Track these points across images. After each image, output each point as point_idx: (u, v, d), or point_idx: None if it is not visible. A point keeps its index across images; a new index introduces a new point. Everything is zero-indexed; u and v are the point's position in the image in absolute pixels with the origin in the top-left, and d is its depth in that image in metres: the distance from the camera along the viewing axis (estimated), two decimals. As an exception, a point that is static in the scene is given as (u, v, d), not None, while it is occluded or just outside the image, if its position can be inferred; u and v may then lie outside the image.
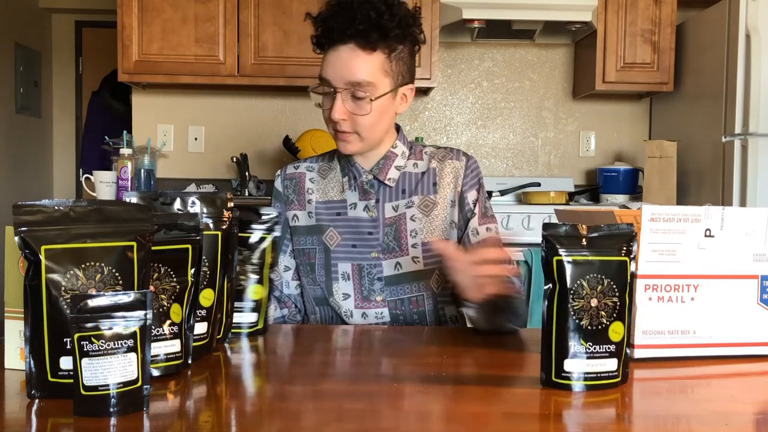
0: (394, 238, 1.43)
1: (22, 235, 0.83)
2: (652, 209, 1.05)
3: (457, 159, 1.48)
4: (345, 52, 1.35)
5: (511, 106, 3.51)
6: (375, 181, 1.45)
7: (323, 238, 1.44)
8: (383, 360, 1.12)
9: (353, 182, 1.46)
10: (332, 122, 1.39)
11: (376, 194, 1.45)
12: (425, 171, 1.48)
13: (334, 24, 1.34)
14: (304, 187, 1.50)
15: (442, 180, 1.46)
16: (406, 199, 1.45)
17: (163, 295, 0.94)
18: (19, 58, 4.86)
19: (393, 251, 1.43)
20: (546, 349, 0.92)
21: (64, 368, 0.84)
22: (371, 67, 1.35)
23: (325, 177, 1.50)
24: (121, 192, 3.02)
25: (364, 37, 1.33)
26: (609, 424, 0.81)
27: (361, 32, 1.32)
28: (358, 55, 1.34)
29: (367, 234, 1.44)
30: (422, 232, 1.43)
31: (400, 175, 1.46)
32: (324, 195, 1.48)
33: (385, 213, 1.44)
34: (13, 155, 4.82)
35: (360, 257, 1.43)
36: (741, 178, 2.66)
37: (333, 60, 1.36)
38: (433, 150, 1.51)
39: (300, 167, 1.53)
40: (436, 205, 1.45)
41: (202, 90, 3.39)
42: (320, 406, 0.86)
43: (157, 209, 1.02)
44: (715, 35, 2.83)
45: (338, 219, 1.45)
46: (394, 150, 1.47)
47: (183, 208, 1.04)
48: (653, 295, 1.06)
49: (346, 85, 1.35)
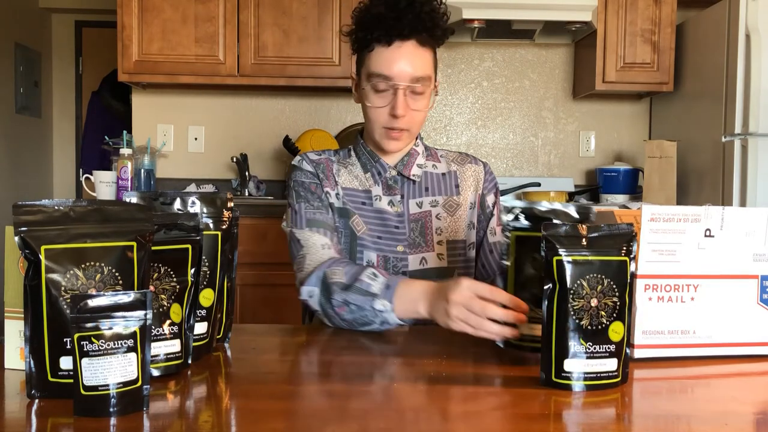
0: (420, 234, 1.46)
1: (22, 235, 0.83)
2: (652, 209, 1.05)
3: (476, 164, 1.57)
4: (408, 48, 1.38)
5: (511, 106, 3.51)
6: (399, 177, 1.49)
7: (350, 223, 1.45)
8: (383, 360, 1.12)
9: (377, 177, 1.48)
10: (388, 118, 1.40)
11: (400, 190, 1.48)
12: (446, 173, 1.54)
13: (398, 20, 1.36)
14: (332, 169, 1.49)
15: (464, 182, 1.53)
16: (429, 197, 1.50)
17: (163, 295, 0.94)
18: (19, 58, 4.86)
19: (419, 246, 1.46)
20: (546, 349, 0.92)
21: (64, 368, 0.84)
22: (430, 63, 1.41)
23: (346, 168, 1.51)
24: (121, 192, 3.01)
25: (430, 34, 1.39)
26: (609, 424, 0.81)
27: (427, 29, 1.38)
28: (419, 50, 1.39)
29: (394, 228, 1.46)
30: (447, 231, 1.48)
31: (422, 174, 1.51)
32: (348, 183, 1.49)
33: (409, 209, 1.47)
34: (13, 155, 4.82)
35: (386, 249, 1.44)
36: (741, 178, 2.66)
37: (394, 56, 1.38)
38: (449, 153, 1.58)
39: (322, 155, 1.52)
40: (459, 207, 1.51)
41: (202, 90, 3.39)
42: (320, 406, 0.86)
43: (157, 209, 1.02)
44: (715, 35, 2.83)
45: (364, 208, 1.46)
46: (416, 148, 1.52)
47: (183, 208, 1.04)
48: (653, 295, 1.06)
49: (410, 81, 1.38)
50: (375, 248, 1.44)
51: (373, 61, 1.39)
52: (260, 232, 2.77)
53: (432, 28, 1.39)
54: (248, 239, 2.75)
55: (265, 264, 2.73)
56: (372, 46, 1.39)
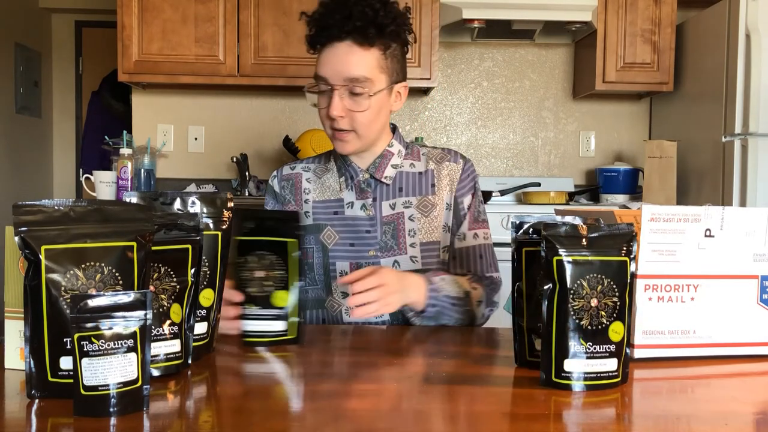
0: (392, 236, 1.44)
1: (22, 235, 0.83)
2: (652, 209, 1.05)
3: (454, 161, 1.50)
4: (342, 49, 1.36)
5: (511, 106, 3.51)
6: (372, 180, 1.47)
7: (321, 238, 1.45)
8: (383, 360, 1.12)
9: (350, 182, 1.47)
10: (329, 120, 1.39)
11: (372, 193, 1.47)
12: (423, 171, 1.49)
13: (330, 21, 1.35)
14: (301, 187, 1.51)
15: (439, 182, 1.48)
16: (403, 198, 1.46)
17: (163, 295, 0.94)
18: (19, 58, 4.86)
19: (391, 249, 1.44)
20: (546, 349, 0.92)
21: (64, 368, 0.84)
22: (368, 63, 1.36)
23: (321, 177, 1.51)
24: (121, 192, 3.01)
25: (362, 33, 1.34)
26: (609, 424, 0.81)
27: (358, 28, 1.33)
28: (355, 51, 1.35)
29: (365, 232, 1.44)
30: (421, 232, 1.44)
31: (397, 174, 1.48)
32: (321, 195, 1.49)
33: (382, 211, 1.45)
34: (13, 155, 4.82)
35: (358, 255, 1.43)
36: (741, 178, 2.66)
37: (330, 57, 1.37)
38: (431, 151, 1.53)
39: (296, 168, 1.54)
40: (435, 206, 1.47)
41: (202, 90, 3.39)
42: (320, 406, 0.86)
43: (157, 209, 1.02)
44: (715, 35, 2.83)
45: (335, 218, 1.46)
46: (390, 149, 1.48)
47: (183, 208, 1.04)
48: (653, 295, 1.06)
49: (344, 81, 1.36)
50: (347, 256, 1.43)
51: (317, 63, 1.40)
52: (260, 232, 2.77)
53: (364, 27, 1.33)
54: (248, 239, 2.74)
55: (265, 264, 2.73)
56: (318, 49, 1.40)
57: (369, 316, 1.20)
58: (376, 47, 1.36)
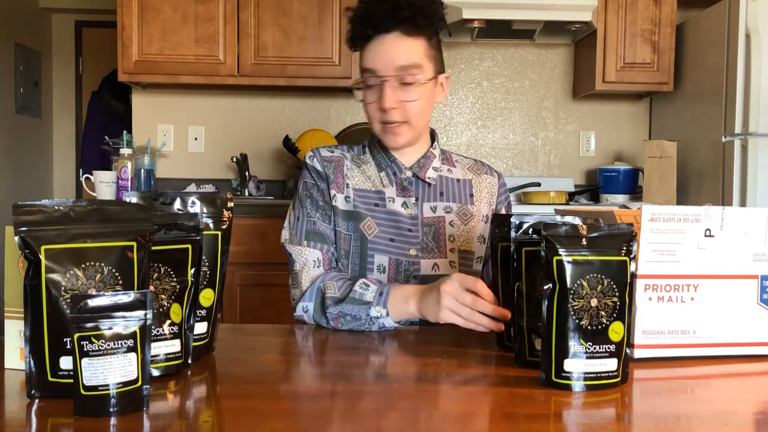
0: (433, 238, 1.44)
1: (22, 235, 0.83)
2: (652, 209, 1.05)
3: (491, 175, 1.54)
4: (391, 39, 1.37)
5: (511, 106, 3.51)
6: (414, 179, 1.47)
7: (360, 226, 1.42)
8: (383, 360, 1.12)
9: (392, 178, 1.46)
10: (381, 113, 1.39)
11: (415, 192, 1.46)
12: (460, 179, 1.51)
13: (378, 13, 1.36)
14: (343, 171, 1.47)
15: (479, 193, 1.50)
16: (444, 202, 1.47)
17: (163, 295, 0.94)
18: (19, 58, 4.86)
19: (432, 251, 1.43)
20: (546, 349, 0.92)
21: (64, 368, 0.84)
22: (418, 51, 1.38)
23: (360, 167, 1.49)
24: (121, 192, 3.01)
25: (411, 22, 1.36)
26: (609, 424, 0.81)
27: (407, 18, 1.35)
28: (404, 40, 1.37)
29: (407, 230, 1.43)
30: (459, 239, 1.45)
31: (438, 177, 1.49)
32: (361, 184, 1.46)
33: (423, 212, 1.45)
34: (13, 155, 4.82)
35: (398, 252, 1.42)
36: (741, 178, 2.66)
37: (378, 49, 1.38)
38: (464, 159, 1.56)
39: (335, 152, 1.50)
40: (473, 217, 1.48)
41: (202, 90, 3.39)
42: (320, 406, 0.86)
43: (157, 209, 1.02)
44: (715, 35, 2.83)
45: (376, 210, 1.44)
46: (433, 151, 1.50)
47: (183, 208, 1.04)
48: (653, 295, 1.06)
49: (395, 71, 1.36)
50: (386, 251, 1.42)
51: (363, 58, 1.40)
52: (260, 232, 2.77)
53: (412, 17, 1.35)
54: (248, 239, 2.75)
55: (265, 264, 2.73)
56: (363, 45, 1.40)
57: None
58: (423, 36, 1.38)
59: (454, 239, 1.44)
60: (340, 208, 1.44)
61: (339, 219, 1.44)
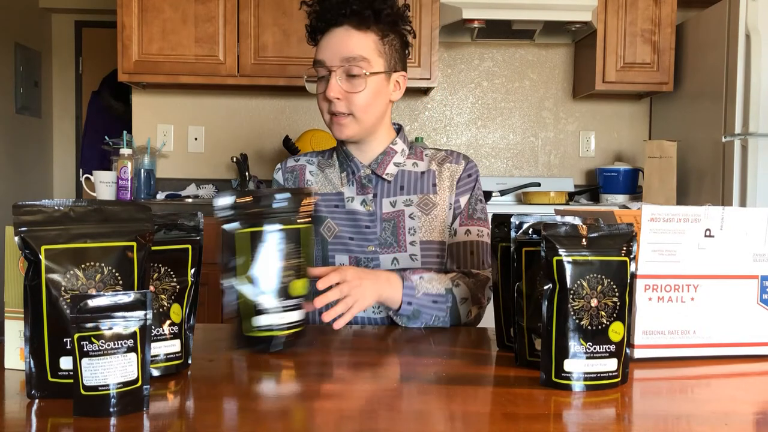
0: (391, 233, 1.45)
1: (22, 235, 0.83)
2: (652, 209, 1.05)
3: (456, 163, 1.51)
4: (340, 32, 1.40)
5: (511, 106, 3.51)
6: (373, 176, 1.48)
7: (321, 230, 1.45)
8: (383, 360, 1.12)
9: (351, 176, 1.48)
10: (327, 103, 1.41)
11: (374, 189, 1.47)
12: (425, 171, 1.50)
13: (328, 6, 1.39)
14: (304, 179, 1.52)
15: (441, 183, 1.49)
16: (404, 196, 1.47)
17: (163, 295, 0.94)
18: (19, 58, 4.86)
19: (391, 246, 1.44)
20: (546, 349, 0.92)
21: (64, 368, 0.84)
22: (365, 45, 1.40)
23: (324, 171, 1.52)
24: (121, 192, 3.01)
25: (359, 16, 1.38)
26: (609, 424, 0.81)
27: (355, 12, 1.38)
28: (352, 33, 1.40)
29: (365, 228, 1.45)
30: (421, 230, 1.45)
31: (398, 172, 1.49)
32: (322, 188, 1.50)
33: (382, 208, 1.46)
34: (13, 155, 4.82)
35: (357, 250, 1.44)
36: (741, 178, 2.66)
37: (328, 41, 1.41)
38: (434, 152, 1.55)
39: (300, 160, 1.55)
40: (435, 206, 1.47)
41: (202, 90, 3.39)
42: (320, 406, 0.86)
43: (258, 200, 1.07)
44: (715, 35, 2.83)
45: (336, 211, 1.46)
46: (393, 147, 1.50)
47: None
48: (653, 295, 1.06)
49: (341, 62, 1.39)
50: (346, 250, 1.44)
51: (316, 51, 1.44)
52: (260, 232, 2.77)
53: (360, 11, 1.37)
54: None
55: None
56: (317, 38, 1.44)
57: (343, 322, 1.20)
58: (373, 32, 1.40)
59: (414, 232, 1.45)
60: None
61: None
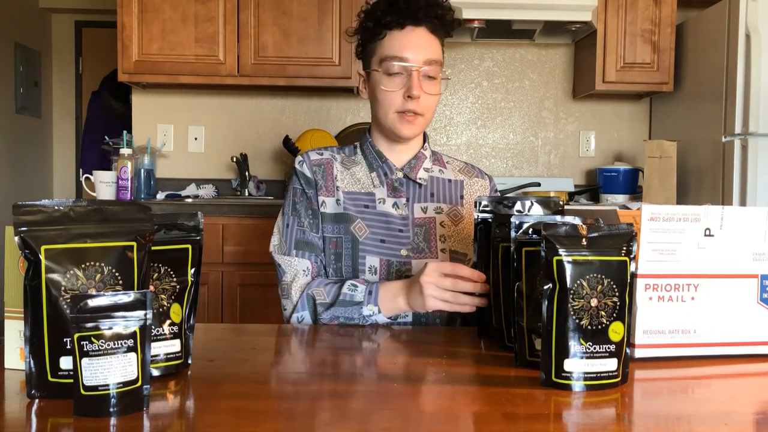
0: (423, 239, 1.44)
1: (22, 235, 0.83)
2: (652, 209, 1.05)
3: (482, 177, 1.56)
4: (420, 33, 1.41)
5: (511, 106, 3.51)
6: (405, 180, 1.47)
7: (351, 228, 1.43)
8: (383, 360, 1.12)
9: (383, 179, 1.47)
10: (403, 101, 1.40)
11: (406, 193, 1.47)
12: (451, 180, 1.52)
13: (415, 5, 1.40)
14: (332, 173, 1.48)
15: (469, 196, 1.51)
16: (435, 203, 1.48)
17: (163, 295, 0.94)
18: (19, 58, 4.86)
19: (423, 252, 1.43)
20: (546, 349, 0.92)
21: (64, 368, 0.84)
22: (440, 49, 1.45)
23: (350, 169, 1.49)
24: (121, 192, 3.01)
25: (440, 20, 1.42)
26: (609, 424, 0.81)
27: (438, 16, 1.41)
28: (430, 36, 1.42)
29: (398, 231, 1.44)
30: (451, 239, 1.46)
31: (429, 178, 1.50)
32: (351, 186, 1.47)
33: (414, 213, 1.46)
34: (13, 155, 4.82)
35: (389, 253, 1.42)
36: (741, 178, 2.66)
37: (409, 38, 1.41)
38: (454, 161, 1.57)
39: (324, 154, 1.50)
40: (463, 218, 1.48)
41: (202, 90, 3.39)
42: (320, 406, 0.86)
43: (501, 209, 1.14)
44: (715, 35, 2.83)
45: (366, 212, 1.44)
46: (424, 152, 1.51)
47: (522, 210, 1.15)
48: (653, 295, 1.06)
49: (424, 62, 1.40)
50: (377, 252, 1.42)
51: (386, 46, 1.41)
52: (260, 232, 2.77)
53: (443, 15, 1.42)
54: (248, 239, 2.75)
55: (265, 264, 2.71)
56: (384, 33, 1.42)
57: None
58: (440, 37, 1.45)
59: (445, 240, 1.45)
60: (329, 212, 1.44)
61: (327, 224, 1.44)
